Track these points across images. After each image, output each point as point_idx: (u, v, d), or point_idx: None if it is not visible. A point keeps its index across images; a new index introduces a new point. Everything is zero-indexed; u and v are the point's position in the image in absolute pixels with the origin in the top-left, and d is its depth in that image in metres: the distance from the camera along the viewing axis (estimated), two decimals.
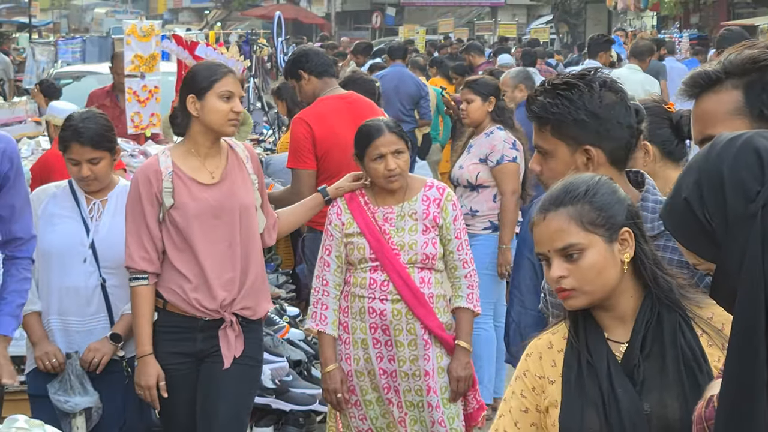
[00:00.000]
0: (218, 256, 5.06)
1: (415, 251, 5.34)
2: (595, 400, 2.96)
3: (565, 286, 2.96)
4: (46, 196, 5.33)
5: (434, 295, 5.38)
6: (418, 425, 5.42)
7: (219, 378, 5.10)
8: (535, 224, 3.01)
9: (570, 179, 3.03)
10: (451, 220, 5.40)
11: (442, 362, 5.40)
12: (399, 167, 5.31)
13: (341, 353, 5.45)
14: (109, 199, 5.32)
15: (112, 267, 5.24)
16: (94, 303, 5.26)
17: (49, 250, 5.23)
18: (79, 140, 5.16)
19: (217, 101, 4.99)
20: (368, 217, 5.38)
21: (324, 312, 5.42)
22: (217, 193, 5.08)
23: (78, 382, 5.18)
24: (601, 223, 2.95)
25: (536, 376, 3.08)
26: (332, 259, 5.43)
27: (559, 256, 2.96)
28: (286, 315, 7.20)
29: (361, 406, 5.48)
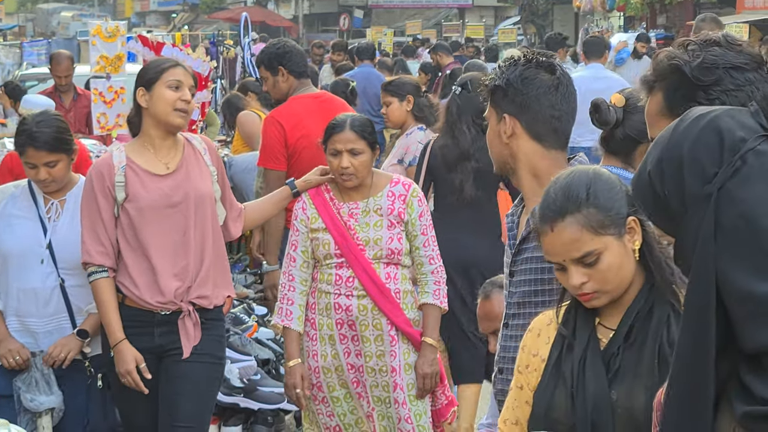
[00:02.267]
0: (171, 245, 5.03)
1: (380, 247, 5.33)
2: (567, 382, 2.98)
3: (587, 291, 2.99)
4: (5, 196, 5.29)
5: (401, 290, 5.37)
6: (385, 421, 5.40)
7: (180, 375, 5.06)
8: (543, 234, 3.00)
9: (565, 181, 3.02)
10: (417, 216, 5.38)
11: (409, 359, 5.38)
12: (352, 166, 5.28)
13: (308, 349, 5.43)
14: (67, 199, 5.28)
15: (71, 267, 5.20)
16: (53, 304, 5.22)
17: (7, 251, 5.20)
18: (34, 145, 5.12)
19: (165, 90, 4.98)
20: (333, 212, 5.37)
21: (289, 307, 5.40)
22: (171, 182, 5.05)
23: (44, 381, 5.15)
24: (609, 223, 2.96)
25: (531, 354, 3.13)
26: (298, 255, 5.41)
27: (576, 264, 2.97)
28: (254, 314, 7.18)
29: (328, 403, 5.46)
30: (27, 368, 5.16)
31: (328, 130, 5.38)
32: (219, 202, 5.19)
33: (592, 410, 2.94)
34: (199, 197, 5.08)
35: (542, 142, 3.51)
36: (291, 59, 6.92)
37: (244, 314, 6.92)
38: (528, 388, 3.12)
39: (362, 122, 5.41)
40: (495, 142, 3.60)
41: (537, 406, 3.07)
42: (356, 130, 5.32)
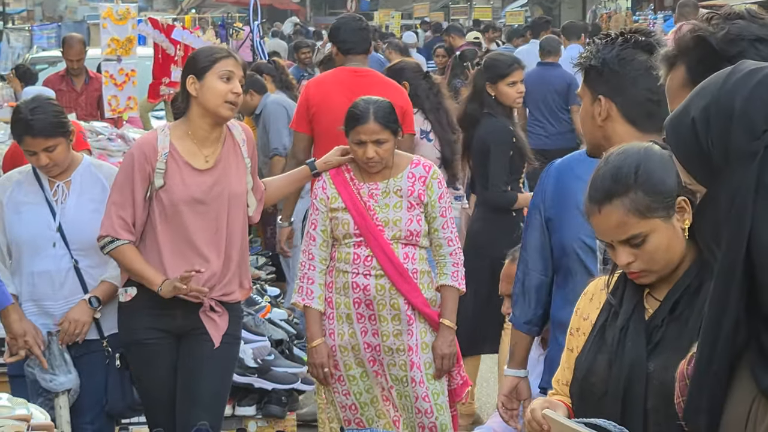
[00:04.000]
0: (201, 242, 5.04)
1: (399, 228, 5.35)
2: (608, 349, 3.01)
3: (634, 269, 3.00)
4: (11, 183, 5.29)
5: (418, 271, 5.39)
6: (403, 400, 5.43)
7: (200, 356, 5.09)
8: (591, 215, 3.01)
9: (614, 161, 3.00)
10: (436, 197, 5.40)
11: (426, 338, 5.41)
12: (378, 156, 5.31)
13: (325, 328, 5.46)
14: (72, 179, 5.27)
15: (83, 248, 5.21)
16: (68, 286, 5.23)
17: (18, 238, 5.21)
18: (31, 133, 5.10)
19: (216, 81, 4.94)
20: (353, 192, 5.38)
21: (310, 286, 5.43)
22: (208, 178, 5.04)
23: (61, 361, 5.16)
24: (657, 206, 2.95)
25: (582, 317, 3.17)
26: (318, 234, 5.44)
27: (623, 244, 2.98)
28: (267, 295, 7.20)
29: (344, 382, 5.49)
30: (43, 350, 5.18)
31: (351, 120, 5.36)
32: (250, 192, 5.20)
33: (626, 379, 2.97)
34: (234, 196, 5.08)
35: (637, 125, 3.48)
36: (338, 36, 7.16)
37: (257, 295, 6.94)
38: (576, 351, 3.15)
39: (385, 111, 5.38)
40: (588, 123, 3.59)
41: (577, 370, 3.10)
42: (380, 121, 5.32)
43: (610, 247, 3.03)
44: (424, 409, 5.36)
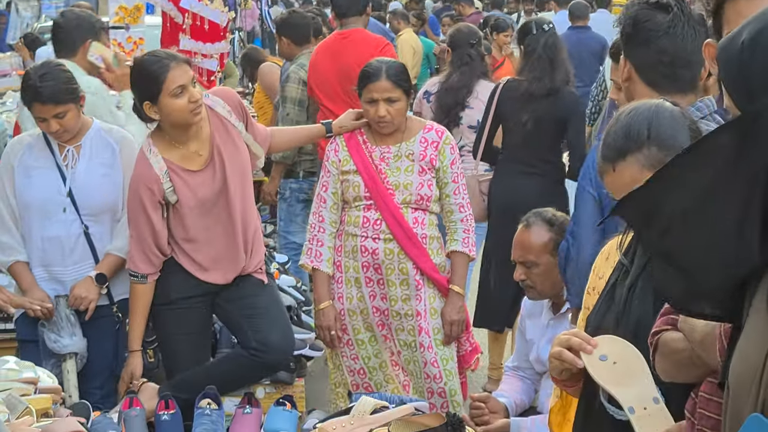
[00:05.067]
0: (221, 231, 5.05)
1: (409, 192, 5.33)
2: (617, 308, 2.99)
3: None
4: (21, 147, 5.27)
5: (427, 236, 5.37)
6: (412, 365, 5.43)
7: (247, 286, 5.12)
8: (604, 173, 2.99)
9: (626, 119, 2.99)
10: (448, 163, 5.38)
11: (435, 304, 5.39)
12: (389, 114, 5.30)
13: (334, 292, 5.46)
14: (83, 144, 5.25)
15: (93, 214, 5.21)
16: (78, 251, 5.23)
17: (28, 202, 5.20)
18: (41, 100, 5.09)
19: (171, 101, 4.86)
20: (365, 155, 5.37)
21: (319, 249, 5.43)
22: (210, 173, 5.02)
23: (68, 323, 5.16)
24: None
25: (598, 276, 3.17)
26: (329, 196, 5.43)
27: None
28: (275, 261, 7.19)
29: (353, 346, 5.49)
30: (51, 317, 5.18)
31: (364, 78, 5.37)
32: (254, 143, 5.18)
33: (634, 337, 2.95)
34: (238, 178, 5.06)
35: (656, 87, 3.46)
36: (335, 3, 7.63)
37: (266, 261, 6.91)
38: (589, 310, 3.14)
39: (397, 70, 5.39)
40: (618, 84, 3.58)
41: (588, 328, 3.10)
42: (392, 79, 5.31)
43: None
44: (432, 374, 5.35)
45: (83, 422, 4.29)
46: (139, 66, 4.97)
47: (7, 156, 5.30)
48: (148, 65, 4.89)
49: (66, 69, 5.25)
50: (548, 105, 6.99)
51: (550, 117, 7.00)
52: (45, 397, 4.35)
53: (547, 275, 4.78)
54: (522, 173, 7.07)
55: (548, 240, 4.79)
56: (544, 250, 4.78)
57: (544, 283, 4.80)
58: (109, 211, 5.22)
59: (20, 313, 5.28)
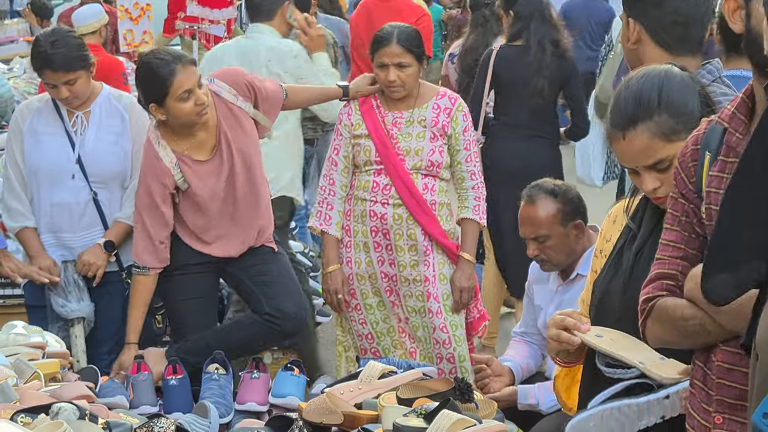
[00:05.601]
0: (229, 216, 5.03)
1: (420, 158, 5.32)
2: (624, 273, 2.99)
3: (661, 195, 2.95)
4: (30, 112, 5.25)
5: (437, 202, 5.36)
6: (421, 331, 5.43)
7: (257, 254, 5.11)
8: (614, 140, 2.95)
9: (636, 85, 2.95)
10: (460, 130, 5.37)
11: (445, 270, 5.39)
12: (400, 80, 5.29)
13: (342, 256, 5.46)
14: (92, 110, 5.23)
15: (102, 180, 5.19)
16: (87, 218, 5.21)
17: (36, 167, 5.18)
18: (51, 67, 5.05)
19: (177, 104, 4.81)
20: (377, 119, 5.36)
21: (328, 212, 5.43)
22: (218, 163, 4.98)
23: (75, 288, 5.16)
24: (682, 129, 2.89)
25: (605, 239, 3.15)
26: (340, 159, 5.42)
27: (649, 170, 2.93)
28: None
29: (361, 310, 5.49)
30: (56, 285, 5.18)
31: (375, 42, 5.37)
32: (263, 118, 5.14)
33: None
34: (246, 157, 5.02)
35: (669, 48, 3.43)
36: None
37: None
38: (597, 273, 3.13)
39: (409, 35, 5.37)
40: (625, 48, 3.55)
41: (594, 293, 3.09)
42: (403, 44, 5.30)
43: (633, 173, 2.98)
44: (441, 339, 5.35)
45: (91, 387, 4.29)
46: (146, 68, 4.86)
47: (16, 121, 5.28)
48: (156, 68, 4.79)
49: (77, 36, 5.22)
50: (552, 68, 7.08)
51: (553, 80, 7.11)
52: (53, 362, 4.36)
53: (561, 246, 4.76)
54: (524, 137, 7.08)
55: (556, 211, 4.76)
56: (554, 222, 4.76)
57: (559, 255, 4.78)
58: (118, 178, 5.20)
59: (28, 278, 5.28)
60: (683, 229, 2.59)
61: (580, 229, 4.76)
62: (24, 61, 9.53)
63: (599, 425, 2.86)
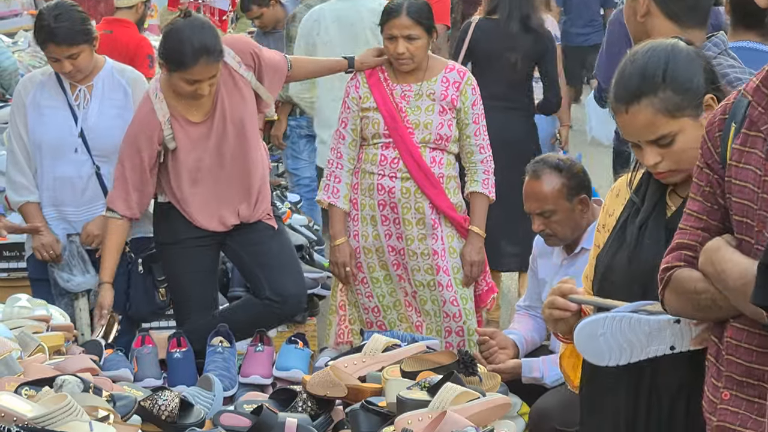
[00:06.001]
0: (223, 184, 5.02)
1: (429, 131, 5.31)
2: (628, 247, 2.98)
3: (662, 169, 2.95)
4: (33, 85, 5.24)
5: (445, 175, 5.36)
6: (429, 304, 5.42)
7: (257, 232, 5.11)
8: (617, 114, 2.94)
9: (642, 59, 2.93)
10: (469, 104, 5.36)
11: (454, 243, 5.39)
12: (408, 52, 5.28)
13: (350, 229, 5.45)
14: (95, 84, 5.23)
15: (105, 154, 5.19)
16: (89, 192, 5.22)
17: (39, 141, 5.18)
18: (54, 40, 5.04)
19: (180, 83, 4.82)
20: (386, 92, 5.35)
21: (336, 185, 5.42)
22: (209, 126, 4.97)
23: (80, 261, 5.16)
24: (686, 105, 2.89)
25: (608, 214, 3.15)
26: (348, 132, 5.41)
27: (651, 144, 2.92)
28: (287, 201, 7.19)
29: (368, 284, 5.49)
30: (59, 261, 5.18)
31: (385, 14, 5.36)
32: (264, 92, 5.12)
33: (646, 277, 2.94)
34: (239, 124, 5.01)
35: (678, 21, 3.41)
36: None
37: (278, 201, 6.92)
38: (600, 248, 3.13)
39: (419, 7, 5.35)
40: (632, 21, 3.53)
41: (598, 267, 3.09)
42: (412, 16, 5.28)
43: (636, 147, 2.97)
44: (452, 313, 5.36)
45: (96, 360, 4.30)
46: (177, 38, 4.80)
47: (19, 94, 5.28)
48: (185, 47, 4.75)
49: (81, 10, 5.21)
50: (526, 43, 7.20)
51: (526, 54, 7.24)
52: (57, 335, 4.36)
53: (567, 221, 4.75)
54: (500, 109, 7.09)
55: (561, 186, 4.75)
56: (559, 196, 4.74)
57: (564, 229, 4.77)
58: None
59: (31, 252, 5.28)
60: (706, 200, 2.57)
61: (585, 203, 4.75)
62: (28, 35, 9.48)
63: (607, 336, 2.83)
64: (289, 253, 5.18)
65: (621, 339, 2.81)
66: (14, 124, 5.24)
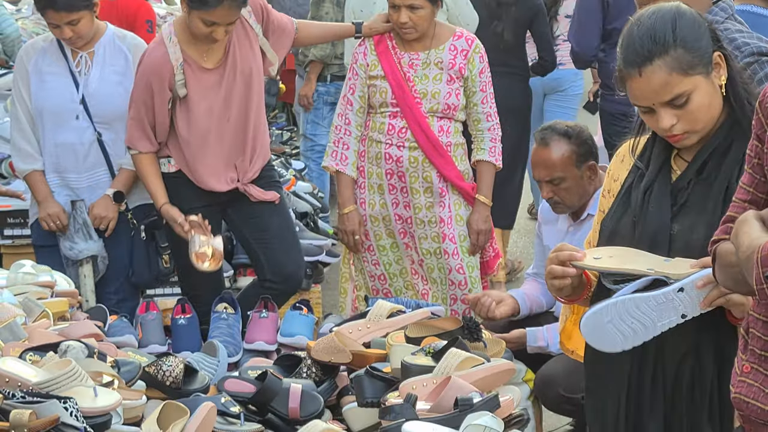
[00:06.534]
0: (229, 135, 5.00)
1: (437, 100, 5.29)
2: (633, 211, 2.97)
3: (677, 132, 2.94)
4: (35, 51, 5.22)
5: (452, 143, 5.34)
6: (435, 272, 5.42)
7: (258, 205, 5.09)
8: (629, 79, 2.93)
9: (649, 21, 2.92)
10: (477, 72, 5.33)
11: (461, 211, 5.38)
12: (411, 21, 5.25)
13: (356, 197, 5.44)
14: (96, 50, 5.20)
15: (106, 121, 5.17)
16: (91, 158, 5.20)
17: (41, 108, 5.16)
18: (54, 7, 5.01)
19: (199, 23, 4.81)
20: (393, 61, 5.33)
21: (345, 152, 5.40)
22: (222, 72, 4.95)
23: (83, 228, 5.16)
24: (698, 62, 2.89)
25: (612, 179, 3.15)
26: (355, 99, 5.39)
27: (665, 106, 2.91)
28: (291, 168, 7.18)
29: (374, 252, 5.48)
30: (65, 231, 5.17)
31: None
32: (269, 50, 5.10)
33: (651, 242, 2.94)
34: (249, 77, 4.99)
35: None
36: None
37: (282, 168, 6.91)
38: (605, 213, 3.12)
39: None
40: None
41: (602, 232, 3.09)
42: None
43: (648, 112, 2.96)
44: (458, 281, 5.35)
45: (100, 326, 4.30)
46: None
47: (21, 61, 5.26)
48: None
49: None
50: (512, 11, 7.23)
51: (516, 21, 7.26)
52: (62, 301, 4.36)
53: (575, 188, 4.74)
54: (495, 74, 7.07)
55: (570, 152, 4.73)
56: (568, 163, 4.73)
57: (573, 197, 4.76)
58: (122, 119, 5.16)
59: (35, 218, 5.28)
60: (755, 172, 2.54)
61: (593, 170, 4.74)
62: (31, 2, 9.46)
63: (615, 322, 2.83)
64: (289, 228, 5.17)
65: (630, 321, 2.82)
66: (18, 91, 5.23)
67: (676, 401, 2.97)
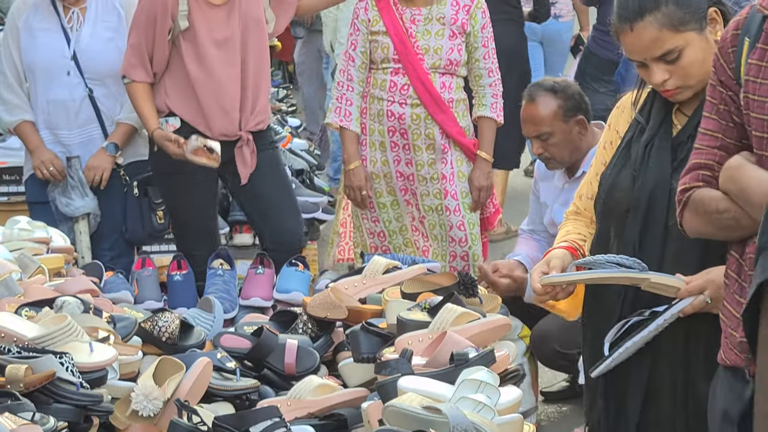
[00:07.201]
0: (231, 76, 4.94)
1: (439, 56, 5.26)
2: (633, 165, 2.97)
3: (669, 87, 2.95)
4: (26, 7, 5.20)
5: (454, 99, 5.32)
6: (437, 229, 5.41)
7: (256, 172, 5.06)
8: (622, 33, 2.93)
9: None
10: (479, 27, 5.30)
11: (463, 167, 5.36)
12: None
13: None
14: (88, 6, 5.18)
15: (98, 77, 5.16)
16: (83, 114, 5.19)
17: (32, 64, 5.16)
18: None
19: None
20: (395, 16, 5.29)
21: (348, 108, 5.37)
22: (228, 10, 4.91)
23: (78, 185, 5.15)
24: (690, 18, 2.89)
25: (614, 131, 3.14)
26: (357, 55, 5.35)
27: (657, 61, 2.91)
28: (287, 125, 7.17)
29: (374, 208, 5.46)
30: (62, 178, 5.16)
31: None
32: (268, 8, 5.08)
33: (650, 195, 2.95)
34: (254, 24, 4.96)
35: None
36: None
37: (278, 125, 6.89)
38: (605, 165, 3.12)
39: None
40: None
41: (602, 185, 3.10)
42: None
43: (642, 66, 2.96)
44: (458, 238, 5.34)
45: (96, 282, 4.30)
46: None
47: (12, 16, 5.24)
48: None
49: None
50: None
51: None
52: (57, 257, 4.36)
53: (565, 143, 4.74)
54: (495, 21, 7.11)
55: (557, 107, 4.74)
56: (555, 118, 4.74)
57: (563, 152, 4.76)
58: (114, 75, 5.13)
59: (29, 175, 5.27)
60: (721, 118, 2.54)
61: (582, 125, 4.73)
62: None
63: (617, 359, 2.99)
64: (287, 194, 5.16)
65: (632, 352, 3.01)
66: (6, 46, 5.21)
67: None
